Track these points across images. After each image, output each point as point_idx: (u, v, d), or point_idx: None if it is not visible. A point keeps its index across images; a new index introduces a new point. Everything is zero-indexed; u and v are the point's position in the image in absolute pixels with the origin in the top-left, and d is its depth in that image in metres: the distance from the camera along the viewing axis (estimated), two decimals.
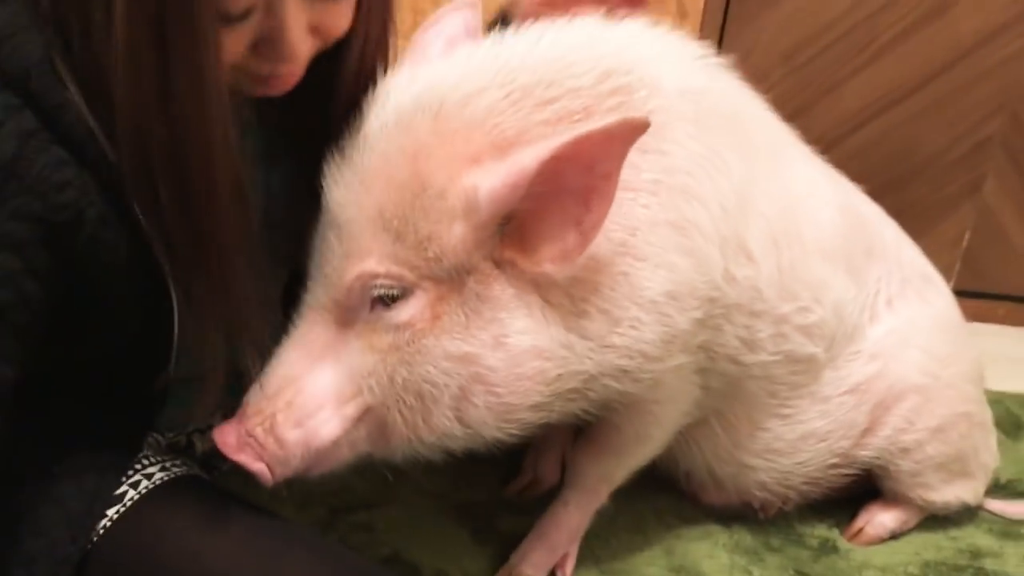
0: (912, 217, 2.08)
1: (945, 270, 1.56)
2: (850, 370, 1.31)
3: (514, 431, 1.03)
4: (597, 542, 1.34)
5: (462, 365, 0.96)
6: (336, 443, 1.00)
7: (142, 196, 0.89)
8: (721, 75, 1.16)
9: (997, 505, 1.51)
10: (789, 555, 1.36)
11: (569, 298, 0.98)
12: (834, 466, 1.36)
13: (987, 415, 1.47)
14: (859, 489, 1.43)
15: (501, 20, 1.18)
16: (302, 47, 0.93)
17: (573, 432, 1.35)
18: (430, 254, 0.94)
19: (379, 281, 0.95)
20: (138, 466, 1.10)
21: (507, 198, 0.91)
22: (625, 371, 1.03)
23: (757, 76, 1.77)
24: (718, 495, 1.40)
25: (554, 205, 0.92)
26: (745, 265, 1.10)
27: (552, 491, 1.36)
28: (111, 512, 1.04)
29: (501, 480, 1.46)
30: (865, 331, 1.32)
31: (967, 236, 2.16)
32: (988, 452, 1.47)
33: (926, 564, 1.37)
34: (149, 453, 1.13)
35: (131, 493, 1.07)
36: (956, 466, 1.40)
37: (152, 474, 1.09)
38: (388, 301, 0.96)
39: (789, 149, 1.27)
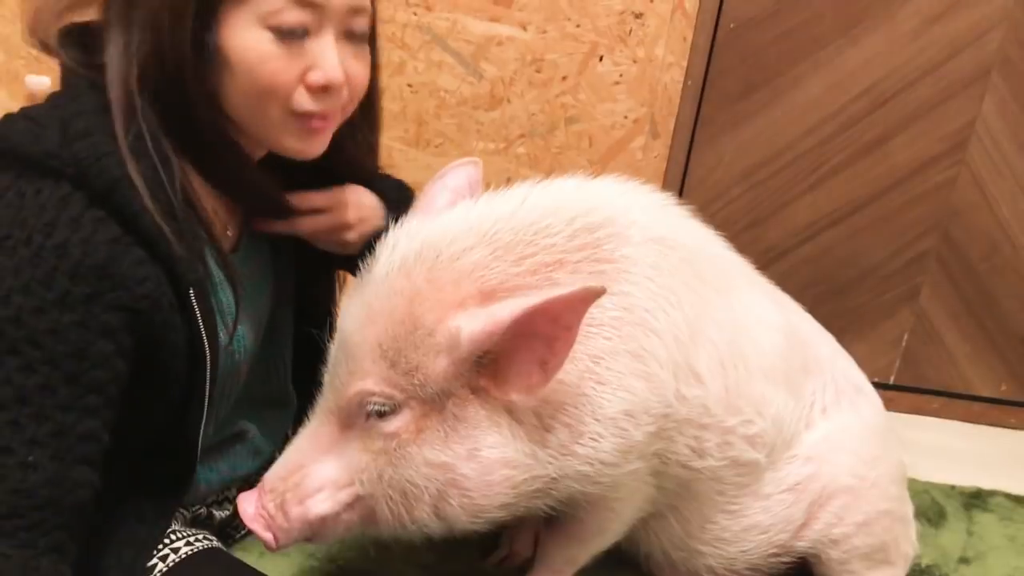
0: (856, 320, 2.28)
1: (886, 367, 1.67)
2: (788, 471, 1.42)
3: (485, 525, 1.19)
4: None
5: (440, 472, 1.11)
6: (330, 520, 1.15)
7: None
8: (681, 220, 1.32)
9: None
10: None
11: (537, 416, 1.14)
12: (774, 555, 1.46)
13: (908, 510, 1.58)
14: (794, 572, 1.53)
15: None
16: (339, 73, 1.11)
17: (544, 514, 1.45)
18: (416, 380, 1.10)
19: (374, 398, 1.12)
20: (166, 540, 1.21)
21: (484, 342, 1.07)
22: (586, 475, 1.18)
23: (719, 191, 1.95)
24: (671, 574, 1.50)
25: (524, 347, 1.07)
26: (695, 386, 1.24)
27: (526, 563, 1.50)
28: None
29: (481, 553, 1.59)
30: (801, 436, 1.43)
31: (905, 337, 2.30)
32: (908, 542, 1.57)
33: None
34: (176, 527, 1.25)
35: (160, 566, 1.18)
36: (879, 555, 1.50)
37: (179, 548, 1.21)
38: (381, 414, 1.12)
39: (739, 280, 1.39)
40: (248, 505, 1.18)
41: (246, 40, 1.07)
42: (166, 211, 1.05)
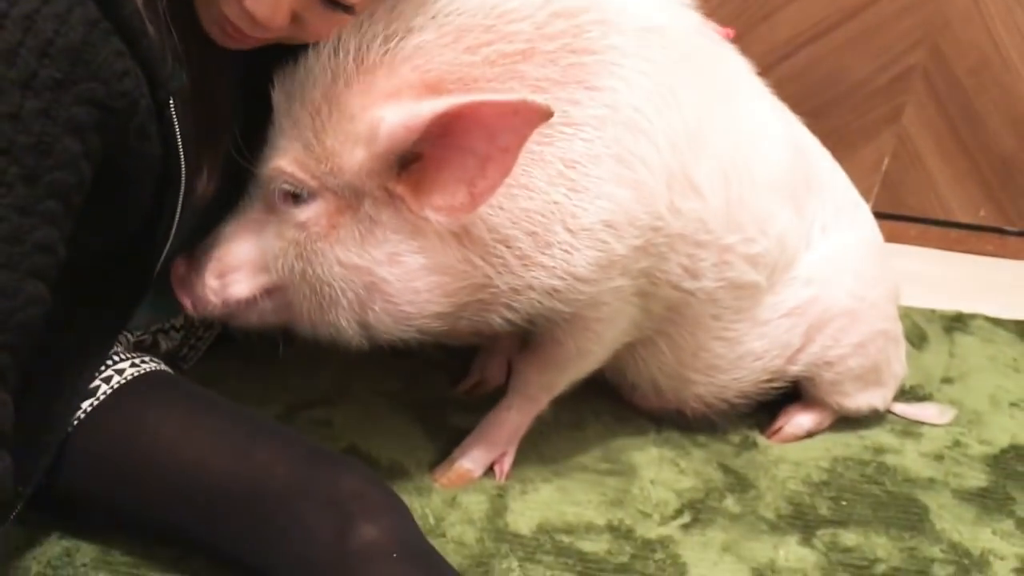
0: (835, 142, 2.12)
1: (865, 192, 1.63)
2: (787, 295, 1.38)
3: (417, 335, 1.11)
4: (540, 438, 1.42)
5: (355, 274, 1.04)
6: (245, 304, 1.12)
7: None
8: (683, 13, 1.20)
9: (901, 408, 1.62)
10: (713, 450, 1.47)
11: (483, 221, 1.04)
12: (767, 381, 1.45)
13: (900, 330, 1.57)
14: (778, 394, 1.52)
15: None
16: (275, 19, 0.95)
17: (519, 339, 1.42)
18: (328, 167, 1.01)
19: (285, 178, 1.04)
20: (109, 361, 1.14)
21: (402, 137, 0.96)
22: (556, 289, 1.10)
23: (696, 3, 1.80)
24: (657, 403, 1.48)
25: (455, 161, 0.97)
26: (692, 198, 1.15)
27: (498, 390, 1.44)
28: (85, 404, 1.08)
29: (451, 380, 1.54)
30: (801, 257, 1.39)
31: (886, 161, 2.24)
32: (899, 363, 1.57)
33: (835, 459, 1.48)
34: (119, 350, 1.17)
35: (104, 387, 1.11)
36: (871, 376, 1.50)
37: (123, 369, 1.14)
38: (295, 198, 1.05)
39: (745, 86, 1.31)
40: (178, 268, 1.14)
41: None
42: (151, 6, 0.92)
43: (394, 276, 1.04)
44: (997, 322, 1.98)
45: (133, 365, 1.15)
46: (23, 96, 0.84)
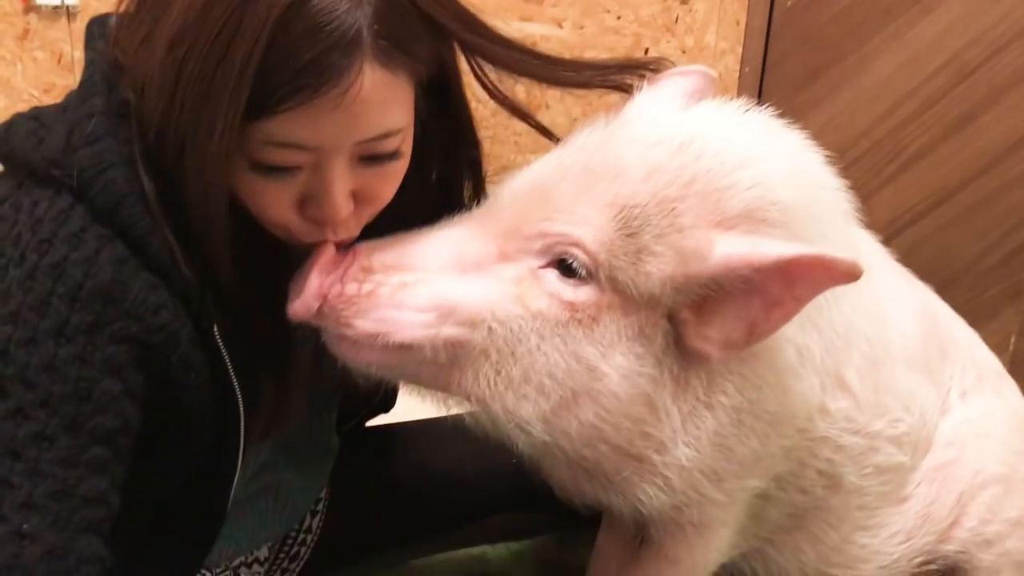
0: None
1: None
2: (925, 461, 1.27)
3: (578, 476, 1.02)
4: None
5: (587, 375, 0.93)
6: (407, 349, 0.93)
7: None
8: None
9: None
10: None
11: (703, 384, 0.98)
12: (922, 564, 1.30)
13: None
14: None
15: None
16: (345, 210, 0.93)
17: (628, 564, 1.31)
18: (633, 267, 0.92)
19: (578, 252, 0.92)
20: None
21: (732, 270, 0.90)
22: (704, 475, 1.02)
23: None
24: None
25: (746, 297, 0.92)
26: (841, 398, 1.10)
27: None
28: None
29: None
30: (938, 425, 1.29)
31: (1013, 340, 2.14)
32: None
33: None
34: None
35: None
36: None
37: None
38: (569, 272, 0.93)
39: (872, 256, 1.23)
40: (324, 261, 0.93)
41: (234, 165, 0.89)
42: (183, 235, 0.90)
43: (619, 392, 0.94)
44: None
45: None
46: (56, 344, 0.83)
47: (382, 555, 1.49)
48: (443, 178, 1.09)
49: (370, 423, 1.50)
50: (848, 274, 0.88)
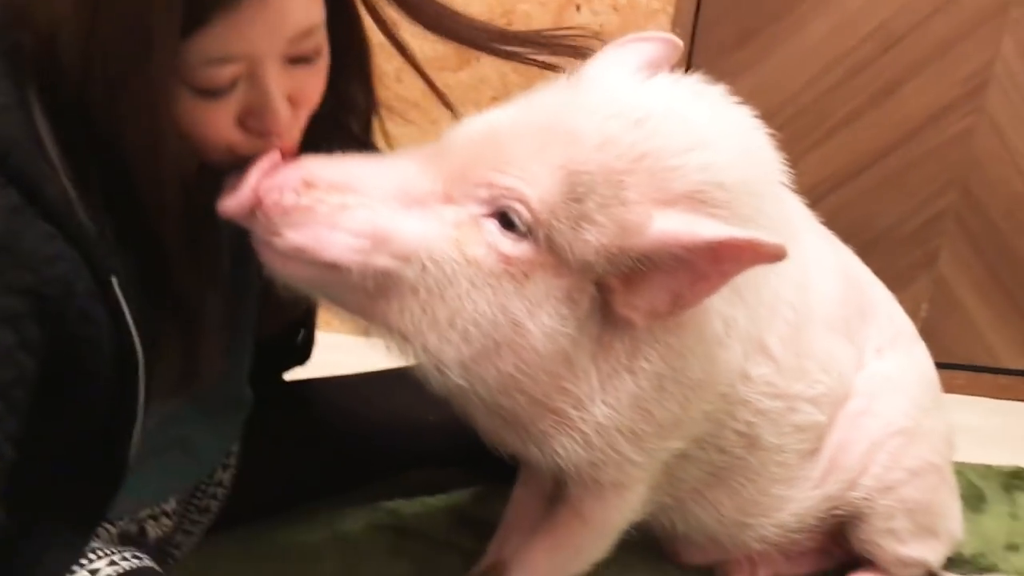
0: None
1: None
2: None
3: (496, 424, 1.04)
4: None
5: (511, 328, 0.94)
6: (335, 273, 0.93)
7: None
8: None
9: None
10: None
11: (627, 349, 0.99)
12: (829, 509, 1.35)
13: (954, 483, 1.48)
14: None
15: None
16: (286, 116, 0.94)
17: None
18: (577, 233, 0.93)
19: (521, 209, 0.93)
20: (83, 561, 1.05)
21: (666, 247, 0.92)
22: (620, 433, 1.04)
23: None
24: (713, 554, 1.41)
25: (674, 271, 0.93)
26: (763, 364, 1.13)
27: None
28: None
29: (464, 563, 1.40)
30: (854, 382, 1.34)
31: (924, 307, 2.16)
32: (954, 518, 1.47)
33: None
34: (97, 546, 1.09)
35: None
36: (925, 519, 1.40)
37: (98, 570, 1.05)
38: (508, 225, 0.94)
39: (799, 218, 1.26)
40: (263, 172, 0.92)
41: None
42: (82, 182, 0.88)
43: (539, 348, 0.96)
44: None
45: (112, 563, 1.06)
46: None
47: (295, 509, 1.48)
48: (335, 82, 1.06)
49: (287, 378, 1.48)
50: (774, 256, 0.91)
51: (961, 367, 2.20)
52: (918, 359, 1.43)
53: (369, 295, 0.95)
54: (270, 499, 1.45)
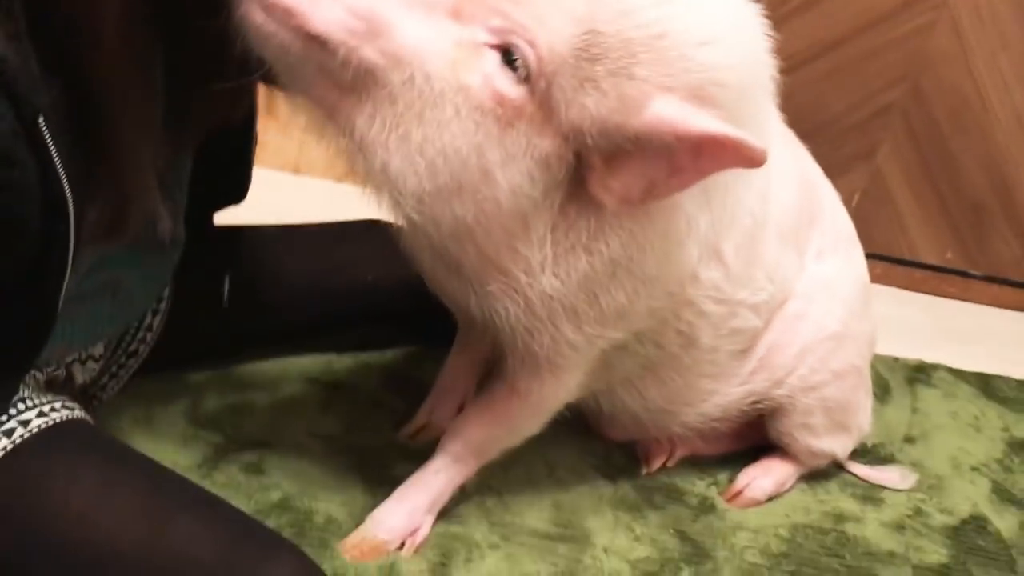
0: None
1: None
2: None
3: (439, 269, 1.04)
4: (488, 493, 1.33)
5: (480, 175, 0.90)
6: (317, 45, 0.85)
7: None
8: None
9: (862, 470, 1.56)
10: (670, 513, 1.39)
11: (589, 229, 0.98)
12: (752, 403, 1.40)
13: (870, 381, 1.53)
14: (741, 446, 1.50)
15: None
16: None
17: (474, 387, 1.35)
18: (579, 94, 0.88)
19: (528, 51, 0.86)
20: (12, 411, 1.02)
21: (658, 132, 0.88)
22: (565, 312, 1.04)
23: None
24: (635, 434, 1.45)
25: (650, 157, 0.91)
26: (714, 267, 1.13)
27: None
28: None
29: (395, 424, 1.43)
30: (794, 287, 1.36)
31: (856, 197, 2.19)
32: (865, 414, 1.53)
33: (795, 527, 1.42)
34: (26, 395, 1.06)
35: (3, 442, 1.00)
36: (840, 416, 1.45)
37: (28, 420, 1.03)
38: (511, 65, 0.87)
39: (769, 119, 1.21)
40: None
41: None
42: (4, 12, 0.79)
43: (502, 203, 0.92)
44: (959, 374, 1.93)
45: (41, 415, 1.04)
46: None
47: (225, 358, 1.47)
48: None
49: (223, 223, 1.43)
50: (754, 160, 0.88)
51: (881, 257, 2.26)
52: (855, 263, 1.46)
53: (342, 88, 0.88)
54: (200, 346, 1.42)
